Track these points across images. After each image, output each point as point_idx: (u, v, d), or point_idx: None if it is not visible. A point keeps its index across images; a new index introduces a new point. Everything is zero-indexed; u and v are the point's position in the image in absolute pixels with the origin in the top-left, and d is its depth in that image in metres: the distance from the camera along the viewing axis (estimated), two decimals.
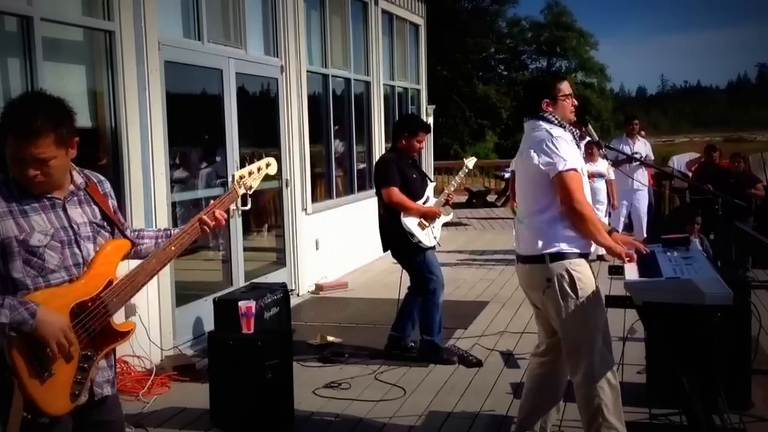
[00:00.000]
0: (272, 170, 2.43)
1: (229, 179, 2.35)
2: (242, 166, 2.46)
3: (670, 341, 3.05)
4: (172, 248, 2.20)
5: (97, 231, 2.15)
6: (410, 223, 4.82)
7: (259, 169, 2.39)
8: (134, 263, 2.20)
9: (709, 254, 6.55)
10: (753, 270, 7.22)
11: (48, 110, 1.99)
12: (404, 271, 5.09)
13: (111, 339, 2.10)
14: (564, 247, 3.11)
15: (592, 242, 3.22)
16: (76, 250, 2.08)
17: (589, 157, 7.67)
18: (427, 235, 4.88)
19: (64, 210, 2.09)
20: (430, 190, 5.10)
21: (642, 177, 8.84)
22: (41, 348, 1.94)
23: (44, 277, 2.02)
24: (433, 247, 4.97)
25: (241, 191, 2.35)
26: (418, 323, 5.01)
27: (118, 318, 2.16)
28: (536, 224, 3.19)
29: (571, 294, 3.10)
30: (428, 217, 4.89)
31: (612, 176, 8.15)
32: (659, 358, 3.97)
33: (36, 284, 2.00)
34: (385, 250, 5.10)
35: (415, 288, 5.01)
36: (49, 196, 2.06)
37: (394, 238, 4.90)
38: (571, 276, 3.10)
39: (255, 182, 2.38)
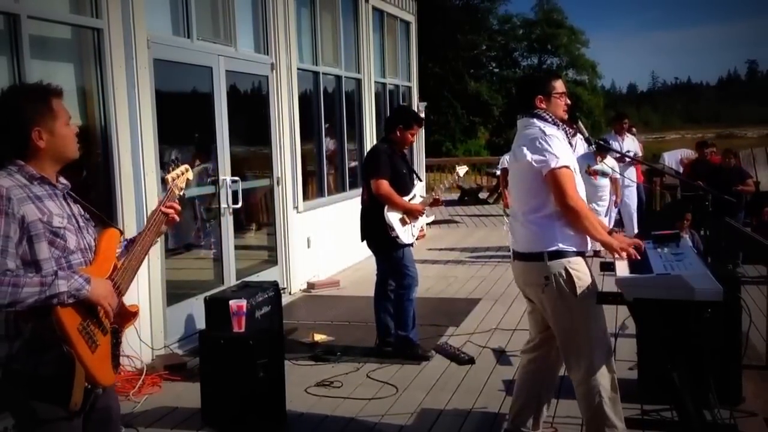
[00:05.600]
0: (190, 175, 2.53)
1: (170, 179, 2.41)
2: (169, 169, 2.62)
3: (661, 337, 3.06)
4: (149, 234, 2.33)
5: (87, 222, 2.27)
6: (392, 217, 4.83)
7: (182, 173, 2.48)
8: None
9: (699, 250, 6.58)
10: (743, 266, 7.25)
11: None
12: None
13: (126, 318, 2.25)
14: (562, 245, 3.11)
15: (589, 239, 3.21)
16: (84, 235, 2.21)
17: (597, 155, 7.67)
18: (407, 232, 4.89)
19: (65, 199, 2.21)
20: (418, 188, 5.11)
21: (631, 174, 8.89)
22: (89, 317, 2.04)
23: (66, 258, 2.11)
24: (411, 245, 4.98)
25: (177, 192, 2.45)
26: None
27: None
28: (533, 222, 3.18)
29: (569, 292, 3.09)
30: (411, 214, 4.90)
31: (617, 174, 8.13)
32: (650, 354, 3.99)
33: (59, 265, 2.09)
34: (362, 240, 5.09)
35: (381, 281, 5.03)
36: (51, 183, 2.16)
37: (374, 229, 4.91)
38: (569, 274, 3.09)
39: (182, 184, 2.49)
